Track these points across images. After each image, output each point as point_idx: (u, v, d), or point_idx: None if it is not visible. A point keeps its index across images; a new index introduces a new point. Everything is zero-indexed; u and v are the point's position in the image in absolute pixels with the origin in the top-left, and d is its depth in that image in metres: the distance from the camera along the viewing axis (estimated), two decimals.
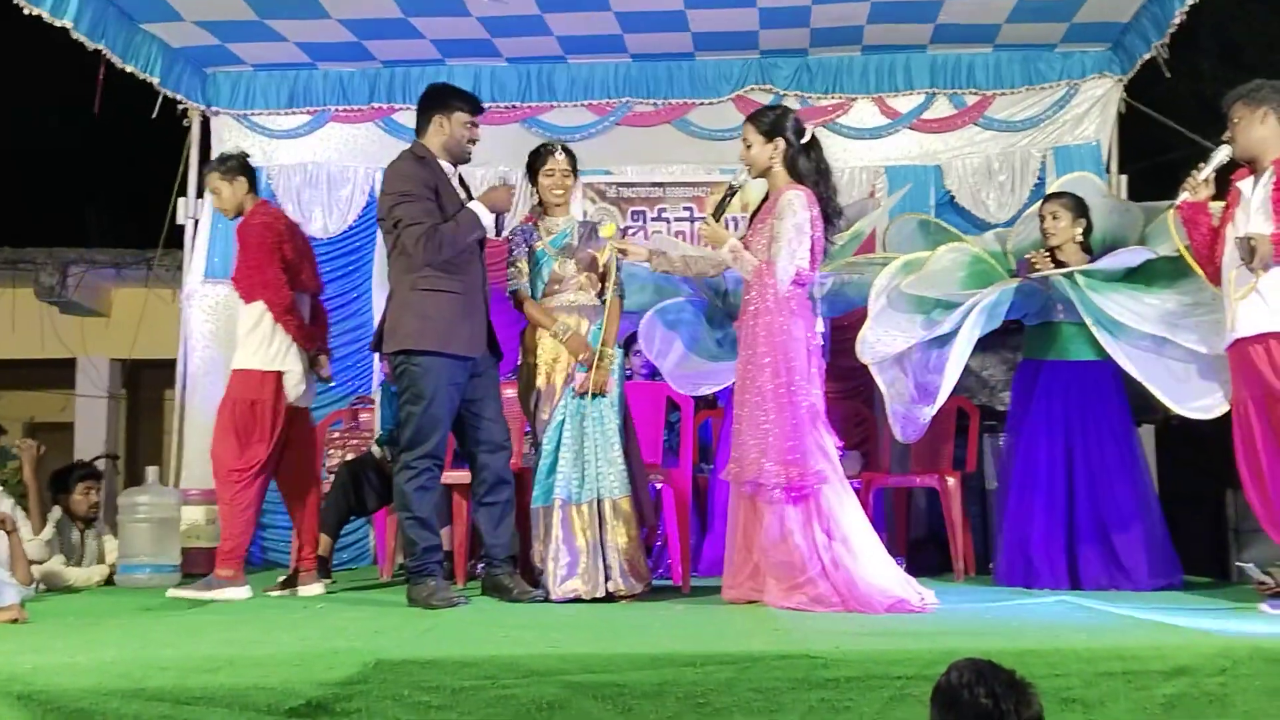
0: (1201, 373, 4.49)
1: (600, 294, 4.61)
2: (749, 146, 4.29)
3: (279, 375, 4.66)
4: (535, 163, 4.61)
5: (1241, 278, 4.01)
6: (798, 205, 4.12)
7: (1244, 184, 4.13)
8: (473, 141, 4.44)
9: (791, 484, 4.00)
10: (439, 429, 4.25)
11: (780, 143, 4.23)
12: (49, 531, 5.31)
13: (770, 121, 4.27)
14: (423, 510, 4.23)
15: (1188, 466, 5.45)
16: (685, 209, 6.90)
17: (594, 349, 4.42)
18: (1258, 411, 4.03)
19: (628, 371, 5.13)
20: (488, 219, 4.30)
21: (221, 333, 6.82)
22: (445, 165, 4.39)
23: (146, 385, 11.13)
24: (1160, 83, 6.40)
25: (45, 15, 5.48)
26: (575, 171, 4.65)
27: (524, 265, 4.58)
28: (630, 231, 6.74)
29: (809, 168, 4.24)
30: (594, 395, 4.44)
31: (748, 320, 4.22)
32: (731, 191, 4.40)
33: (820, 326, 4.28)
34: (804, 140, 4.27)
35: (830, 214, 4.28)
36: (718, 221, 4.35)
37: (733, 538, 4.25)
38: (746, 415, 4.14)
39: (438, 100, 4.42)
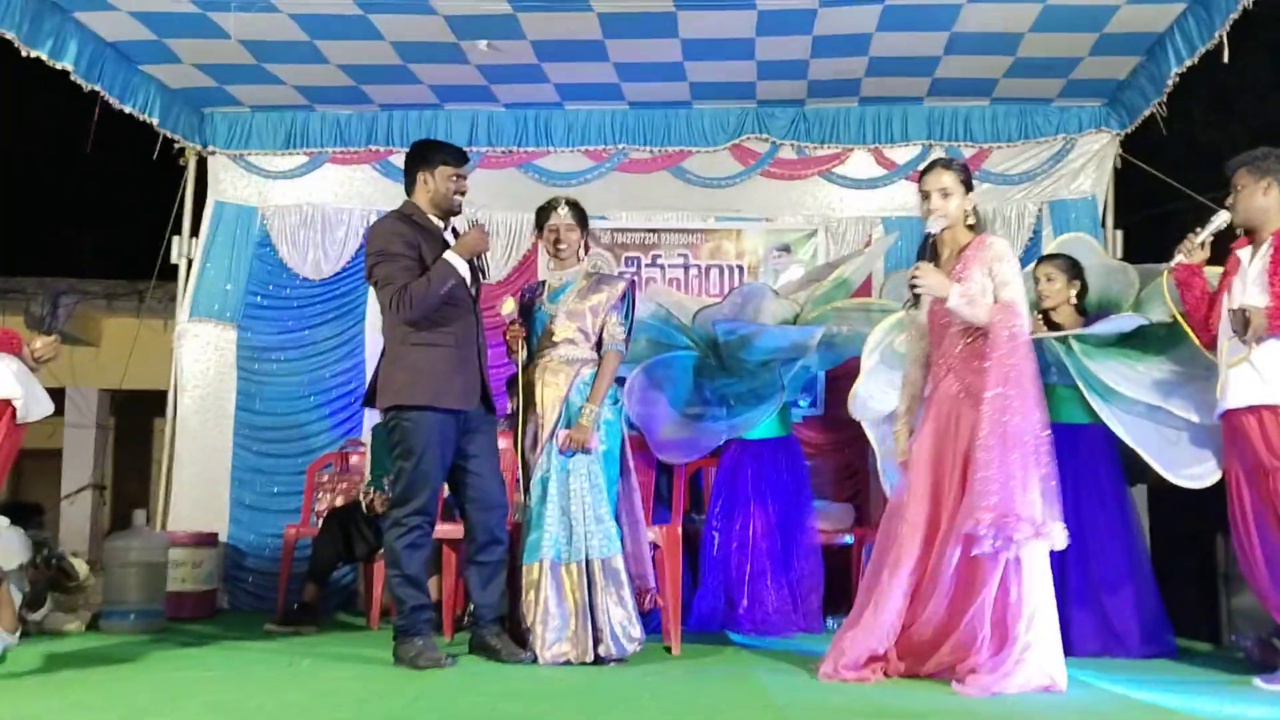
0: (1194, 440, 4.49)
1: (596, 347, 4.58)
2: (946, 195, 3.96)
3: None
4: (539, 219, 4.63)
5: (1234, 348, 4.01)
6: (1008, 250, 3.93)
7: (1243, 253, 4.12)
8: (460, 193, 4.41)
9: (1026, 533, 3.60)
10: (429, 485, 4.21)
11: (973, 197, 4.05)
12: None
13: (968, 173, 4.07)
14: (411, 568, 4.18)
15: (1177, 511, 5.40)
16: (680, 255, 6.89)
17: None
18: (1249, 483, 4.02)
19: (628, 421, 5.05)
20: (463, 266, 4.24)
21: (213, 372, 6.80)
22: (437, 220, 4.39)
23: (135, 414, 11.10)
24: (1153, 129, 6.41)
25: (44, 58, 5.48)
26: (583, 223, 4.64)
27: (520, 349, 4.57)
28: (631, 274, 6.70)
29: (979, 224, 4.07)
30: (575, 452, 4.40)
31: (976, 366, 3.83)
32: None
33: None
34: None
35: None
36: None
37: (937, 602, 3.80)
38: (990, 460, 3.65)
39: (421, 156, 4.41)
